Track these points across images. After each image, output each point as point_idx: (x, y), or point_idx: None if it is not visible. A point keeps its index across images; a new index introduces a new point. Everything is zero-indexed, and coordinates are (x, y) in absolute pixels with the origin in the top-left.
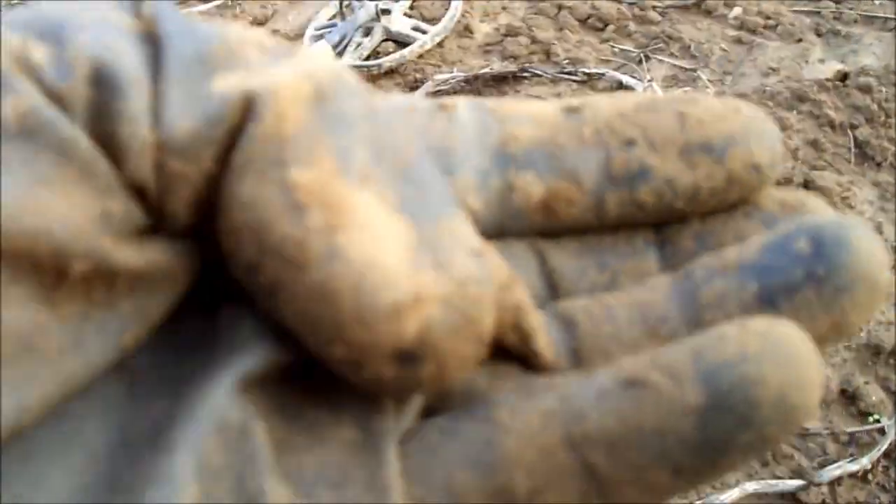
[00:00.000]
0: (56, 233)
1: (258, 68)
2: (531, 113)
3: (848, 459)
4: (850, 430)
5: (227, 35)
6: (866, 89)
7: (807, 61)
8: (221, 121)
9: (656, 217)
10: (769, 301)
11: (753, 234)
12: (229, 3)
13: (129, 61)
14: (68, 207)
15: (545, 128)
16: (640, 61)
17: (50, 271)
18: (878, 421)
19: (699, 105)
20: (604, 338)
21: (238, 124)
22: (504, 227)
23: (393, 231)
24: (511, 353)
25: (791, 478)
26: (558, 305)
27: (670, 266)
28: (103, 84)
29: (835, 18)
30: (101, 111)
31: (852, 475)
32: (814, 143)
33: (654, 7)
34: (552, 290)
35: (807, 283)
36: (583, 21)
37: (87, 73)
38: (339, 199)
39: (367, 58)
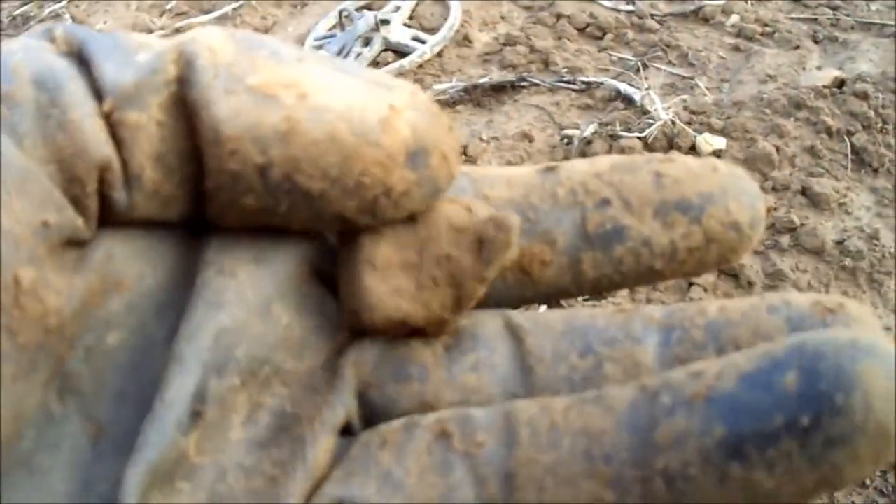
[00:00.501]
0: (2, 247)
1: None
2: (505, 174)
3: None
4: None
5: (128, 34)
6: (863, 96)
7: (804, 68)
8: (161, 70)
9: (635, 279)
10: (735, 451)
11: (774, 333)
12: (229, 14)
13: (60, 65)
14: (9, 221)
15: (518, 188)
16: (638, 69)
17: (5, 289)
18: None
19: (676, 164)
20: (542, 468)
21: (177, 75)
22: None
23: (343, 80)
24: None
25: None
26: (505, 406)
27: (673, 357)
28: (44, 84)
29: (832, 25)
30: (48, 107)
31: None
32: (811, 150)
33: (652, 15)
34: (525, 374)
35: (786, 434)
36: (581, 30)
37: (28, 76)
38: (294, 78)
39: (367, 68)
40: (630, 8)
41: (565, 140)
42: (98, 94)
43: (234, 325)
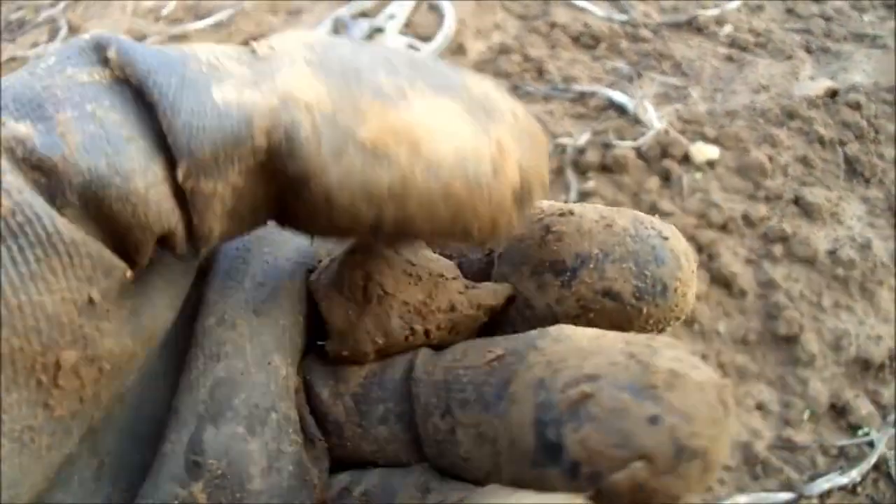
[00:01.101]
0: (45, 330)
1: (248, 81)
2: None
3: (837, 472)
4: (839, 443)
5: (197, 53)
6: (856, 106)
7: (797, 78)
8: (248, 138)
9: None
10: None
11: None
12: (224, 21)
13: (113, 120)
14: (55, 302)
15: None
16: (631, 79)
17: (44, 370)
18: (867, 434)
19: (571, 218)
20: None
21: (270, 147)
22: None
23: (446, 112)
24: None
25: (781, 491)
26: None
27: None
28: (103, 151)
29: (825, 36)
30: (103, 176)
31: (842, 488)
32: (804, 160)
33: (645, 25)
34: (417, 425)
35: None
36: (575, 39)
37: (79, 141)
38: (401, 124)
39: None
40: (624, 17)
41: (559, 149)
42: (166, 148)
43: (231, 375)
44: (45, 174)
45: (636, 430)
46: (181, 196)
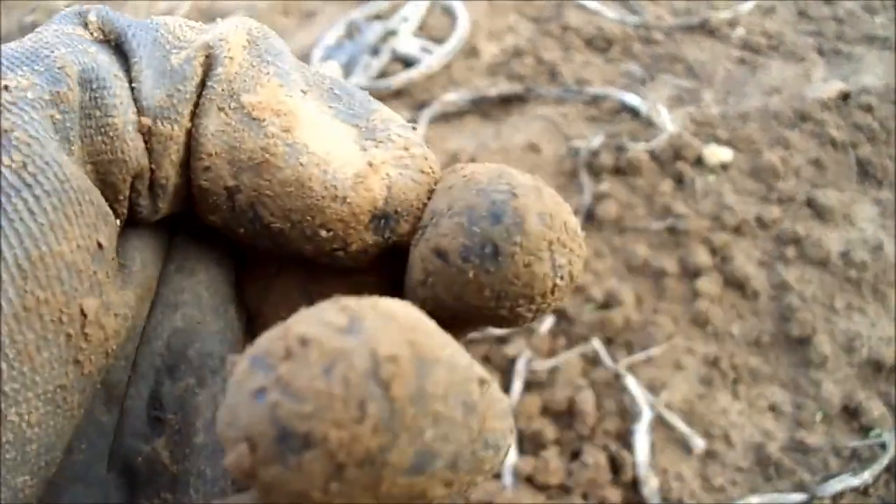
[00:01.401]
0: (66, 279)
1: (198, 38)
2: None
3: (849, 473)
4: (851, 444)
5: (167, 23)
6: (867, 108)
7: (809, 80)
8: (192, 76)
9: None
10: None
11: None
12: None
13: (103, 60)
14: (71, 250)
15: None
16: (644, 81)
17: (71, 321)
18: (879, 436)
19: (446, 177)
20: None
21: (201, 79)
22: None
23: (337, 129)
24: None
25: (794, 492)
26: None
27: None
28: (90, 83)
29: (837, 38)
30: (91, 108)
31: (854, 489)
32: (816, 162)
33: (658, 28)
34: None
35: None
36: (588, 41)
37: (76, 75)
38: (289, 107)
39: (376, 78)
40: (636, 20)
41: (573, 151)
42: (136, 99)
43: (188, 325)
44: (58, 109)
45: (240, 407)
46: (147, 145)
